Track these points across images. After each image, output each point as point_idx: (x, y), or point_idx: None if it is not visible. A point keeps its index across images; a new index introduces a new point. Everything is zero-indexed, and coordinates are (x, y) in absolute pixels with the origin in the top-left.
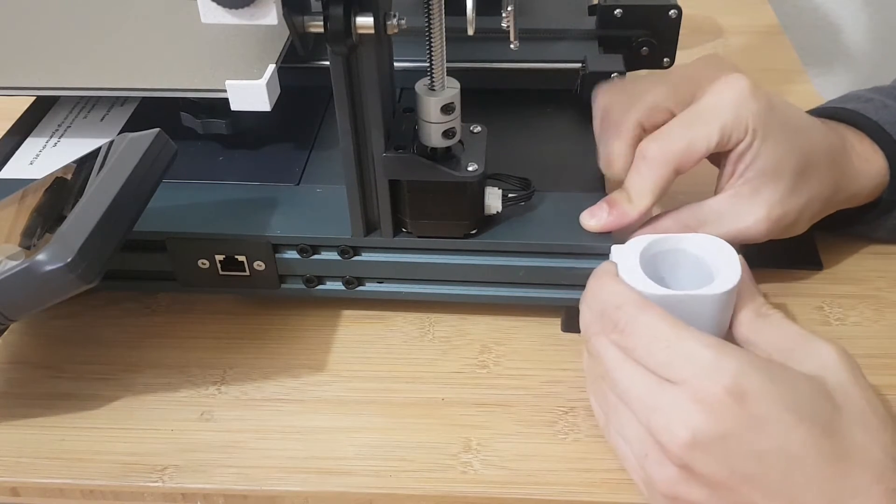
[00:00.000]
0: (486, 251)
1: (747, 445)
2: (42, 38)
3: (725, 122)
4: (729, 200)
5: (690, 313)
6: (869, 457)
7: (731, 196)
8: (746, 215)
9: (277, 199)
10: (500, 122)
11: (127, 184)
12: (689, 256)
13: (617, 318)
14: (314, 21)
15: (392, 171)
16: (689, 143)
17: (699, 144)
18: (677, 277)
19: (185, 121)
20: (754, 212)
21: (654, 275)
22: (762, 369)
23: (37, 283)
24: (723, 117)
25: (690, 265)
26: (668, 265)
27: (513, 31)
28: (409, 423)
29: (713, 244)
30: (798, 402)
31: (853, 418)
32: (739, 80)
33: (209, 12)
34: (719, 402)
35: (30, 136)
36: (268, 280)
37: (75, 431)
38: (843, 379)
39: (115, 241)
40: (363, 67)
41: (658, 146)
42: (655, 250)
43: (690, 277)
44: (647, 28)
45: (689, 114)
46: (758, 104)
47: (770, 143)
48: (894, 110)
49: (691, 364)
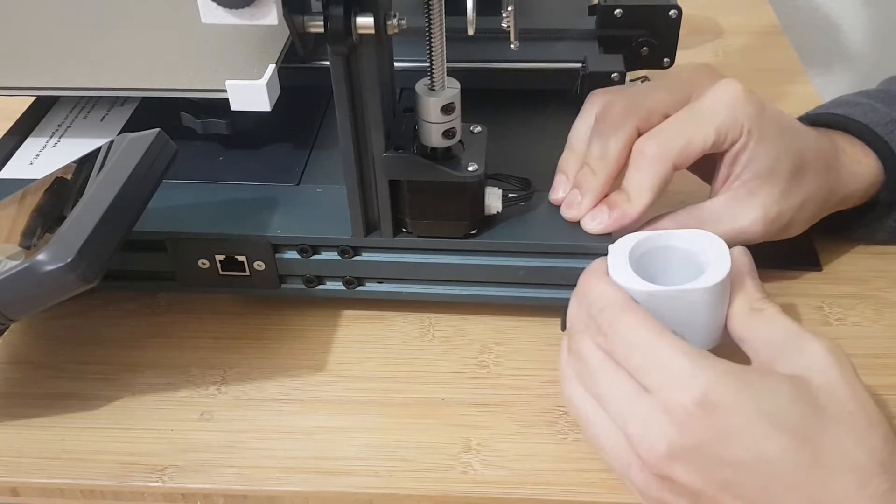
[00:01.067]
0: (486, 251)
1: (722, 455)
2: (42, 38)
3: (722, 122)
4: (726, 202)
5: (680, 309)
6: (852, 462)
7: (728, 198)
8: (743, 216)
9: (277, 199)
10: (501, 122)
11: (127, 184)
12: (680, 252)
13: (600, 320)
14: (314, 21)
15: (392, 171)
16: (687, 140)
17: (697, 142)
18: (669, 274)
19: (185, 121)
20: (751, 213)
21: (646, 272)
22: (736, 378)
23: (37, 283)
24: (719, 118)
25: (682, 261)
26: (659, 262)
27: (513, 31)
28: (409, 423)
29: (704, 238)
30: (773, 409)
31: (838, 420)
32: (733, 84)
33: (209, 12)
34: (688, 415)
35: (30, 136)
36: (268, 280)
37: (75, 431)
38: (830, 378)
39: (115, 241)
40: (363, 67)
41: (657, 143)
42: (646, 247)
43: (682, 273)
44: (647, 28)
45: (685, 113)
46: (752, 107)
47: (764, 144)
48: (883, 113)
49: (665, 373)
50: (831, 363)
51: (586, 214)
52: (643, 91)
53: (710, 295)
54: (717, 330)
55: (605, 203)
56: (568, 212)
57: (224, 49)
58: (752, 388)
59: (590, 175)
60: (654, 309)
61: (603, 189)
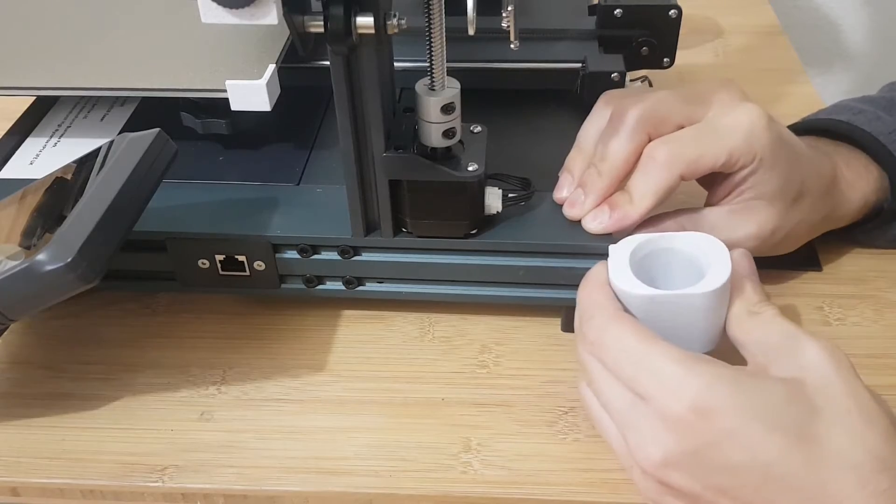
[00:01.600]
0: (486, 251)
1: (718, 460)
2: (42, 38)
3: (736, 146)
4: (725, 215)
5: (680, 313)
6: (851, 460)
7: (727, 211)
8: (738, 230)
9: (277, 199)
10: (501, 122)
11: (127, 184)
12: (682, 255)
13: (587, 329)
14: (314, 21)
15: (392, 171)
16: (699, 154)
17: (707, 159)
18: (670, 276)
19: (186, 121)
20: (747, 228)
21: (647, 274)
22: (729, 382)
23: (37, 283)
24: (734, 141)
25: (683, 264)
26: (660, 264)
27: (513, 31)
28: (409, 423)
29: (706, 242)
30: (769, 411)
31: (834, 420)
32: (755, 110)
33: (209, 12)
34: (683, 421)
35: (30, 136)
36: (268, 280)
37: (75, 431)
38: (826, 378)
39: (115, 240)
40: (363, 67)
41: (668, 150)
42: (648, 250)
43: (683, 276)
44: (647, 28)
45: (703, 127)
46: (769, 136)
47: (775, 173)
48: (888, 122)
49: (657, 381)
50: (827, 363)
51: (588, 214)
52: (660, 98)
53: (710, 299)
54: (716, 333)
55: (608, 203)
56: (570, 210)
57: (224, 49)
58: (745, 391)
59: (595, 176)
60: (655, 312)
61: (607, 191)
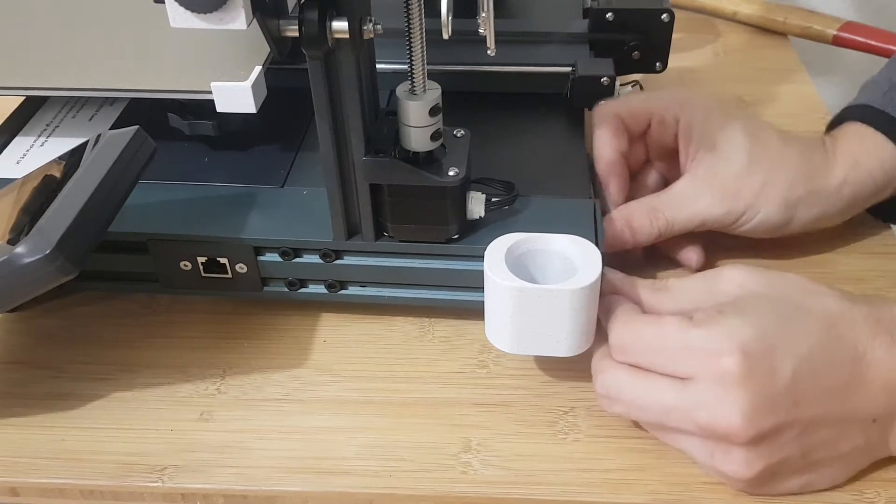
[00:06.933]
0: (468, 256)
1: (781, 381)
2: (32, 38)
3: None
4: (689, 182)
5: (550, 308)
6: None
7: (689, 178)
8: (703, 196)
9: (261, 202)
10: (489, 126)
11: (105, 179)
12: (558, 256)
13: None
14: (289, 25)
15: (372, 175)
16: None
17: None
18: (546, 276)
19: (173, 122)
20: (710, 191)
21: (525, 272)
22: (745, 312)
23: (17, 275)
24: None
25: (559, 265)
26: (538, 264)
27: (490, 37)
28: (409, 423)
29: (579, 246)
30: (781, 314)
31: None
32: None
33: (178, 16)
34: (741, 368)
35: (18, 136)
36: (250, 283)
37: (75, 431)
38: (760, 279)
39: (93, 233)
40: (342, 71)
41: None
42: (525, 248)
43: (559, 276)
44: (638, 32)
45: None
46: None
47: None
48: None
49: (690, 352)
50: (749, 271)
51: None
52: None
53: (577, 297)
54: (585, 333)
55: None
56: None
57: (211, 50)
58: (762, 312)
59: None
60: (526, 306)
61: None
